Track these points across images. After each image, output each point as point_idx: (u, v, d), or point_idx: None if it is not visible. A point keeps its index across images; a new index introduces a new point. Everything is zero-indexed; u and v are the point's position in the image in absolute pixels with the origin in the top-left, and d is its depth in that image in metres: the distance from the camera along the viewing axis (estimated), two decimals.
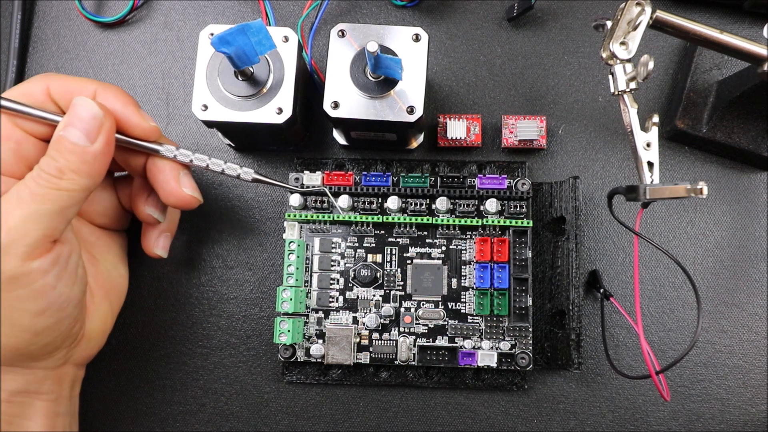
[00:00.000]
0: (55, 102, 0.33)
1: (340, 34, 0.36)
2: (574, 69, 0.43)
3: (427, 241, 0.41)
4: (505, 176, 0.40)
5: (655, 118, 0.34)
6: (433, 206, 0.40)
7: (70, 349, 0.34)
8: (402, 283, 0.40)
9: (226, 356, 0.41)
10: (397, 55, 0.36)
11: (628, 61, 0.34)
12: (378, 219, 0.40)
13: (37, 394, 0.33)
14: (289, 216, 0.40)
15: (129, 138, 0.34)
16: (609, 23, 0.35)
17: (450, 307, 0.40)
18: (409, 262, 0.40)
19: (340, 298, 0.40)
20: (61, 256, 0.31)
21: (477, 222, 0.40)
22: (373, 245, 0.41)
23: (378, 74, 0.35)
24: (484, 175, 0.40)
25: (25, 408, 0.33)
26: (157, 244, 0.38)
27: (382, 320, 0.40)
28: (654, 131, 0.34)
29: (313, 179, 0.40)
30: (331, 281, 0.40)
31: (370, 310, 0.40)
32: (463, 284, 0.40)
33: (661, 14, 0.34)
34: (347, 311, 0.40)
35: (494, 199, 0.39)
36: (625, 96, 0.34)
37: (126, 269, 0.40)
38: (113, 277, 0.38)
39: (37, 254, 0.30)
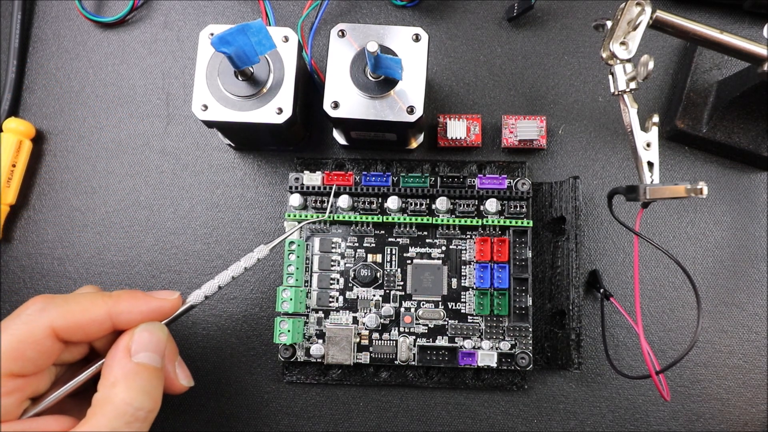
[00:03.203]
0: (62, 340, 0.30)
1: (340, 34, 0.36)
2: (574, 69, 0.43)
3: (427, 241, 0.41)
4: (505, 176, 0.40)
5: (655, 118, 0.34)
6: (433, 206, 0.40)
7: None
8: (402, 283, 0.40)
9: (226, 356, 0.41)
10: (397, 55, 0.36)
11: (628, 61, 0.34)
12: (378, 219, 0.40)
13: None
14: (289, 216, 0.40)
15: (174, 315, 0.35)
16: (609, 23, 0.35)
17: (450, 307, 0.40)
18: (409, 262, 0.40)
19: (340, 298, 0.40)
20: None
21: (477, 222, 0.40)
22: (373, 245, 0.41)
23: (378, 74, 0.35)
24: (484, 175, 0.40)
25: None
26: (180, 377, 0.36)
27: (382, 320, 0.40)
28: (654, 131, 0.34)
29: (313, 179, 0.40)
30: (331, 281, 0.40)
31: (370, 310, 0.40)
32: (463, 284, 0.40)
33: (661, 14, 0.34)
34: (347, 311, 0.40)
35: (494, 199, 0.39)
36: (625, 96, 0.34)
37: None
38: None
39: None
